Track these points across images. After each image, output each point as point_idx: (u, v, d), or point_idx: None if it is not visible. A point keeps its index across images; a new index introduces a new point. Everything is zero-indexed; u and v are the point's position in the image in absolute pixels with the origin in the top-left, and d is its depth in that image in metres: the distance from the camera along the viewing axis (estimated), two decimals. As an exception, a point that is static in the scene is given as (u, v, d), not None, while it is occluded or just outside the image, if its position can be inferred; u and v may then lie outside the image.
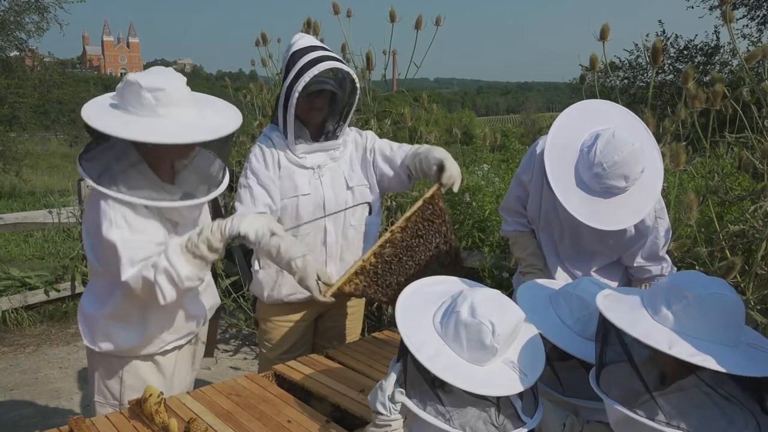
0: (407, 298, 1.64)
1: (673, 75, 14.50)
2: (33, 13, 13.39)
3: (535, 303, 1.80)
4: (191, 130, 1.92)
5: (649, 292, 1.47)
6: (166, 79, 1.92)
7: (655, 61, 2.94)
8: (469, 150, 6.62)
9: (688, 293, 1.35)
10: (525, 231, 2.44)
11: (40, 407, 3.96)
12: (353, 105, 2.42)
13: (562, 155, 2.01)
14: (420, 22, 4.27)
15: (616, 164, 1.91)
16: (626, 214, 1.98)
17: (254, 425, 1.82)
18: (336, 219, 2.49)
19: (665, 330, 1.35)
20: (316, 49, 2.34)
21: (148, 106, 1.88)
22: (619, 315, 1.40)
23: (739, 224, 2.96)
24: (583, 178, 1.99)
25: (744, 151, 2.91)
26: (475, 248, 4.66)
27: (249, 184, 2.42)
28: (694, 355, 1.28)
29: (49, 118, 15.98)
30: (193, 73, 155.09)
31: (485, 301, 1.51)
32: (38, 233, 7.83)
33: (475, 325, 1.46)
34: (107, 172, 1.90)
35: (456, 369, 1.46)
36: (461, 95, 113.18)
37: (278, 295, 2.53)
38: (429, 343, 1.50)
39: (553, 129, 2.06)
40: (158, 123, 1.88)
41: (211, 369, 4.50)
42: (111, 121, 1.87)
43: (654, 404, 1.34)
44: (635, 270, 2.30)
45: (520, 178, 2.37)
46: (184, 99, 1.95)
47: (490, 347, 1.47)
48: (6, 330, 5.18)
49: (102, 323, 2.02)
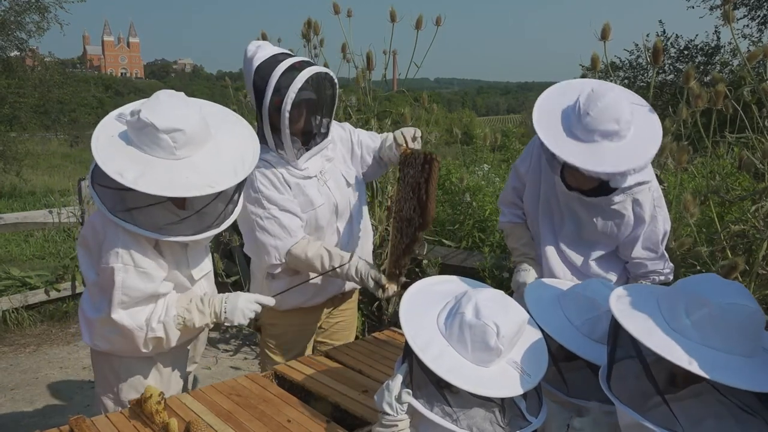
0: (411, 298, 1.64)
1: (673, 75, 14.49)
2: (33, 13, 13.37)
3: (543, 302, 1.79)
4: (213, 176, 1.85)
5: (666, 295, 1.43)
6: (182, 117, 1.83)
7: (655, 61, 2.94)
8: (469, 150, 6.63)
9: (707, 302, 1.31)
10: (520, 222, 2.48)
11: (40, 407, 3.95)
12: (335, 100, 2.35)
13: (550, 120, 2.06)
14: (420, 22, 4.26)
15: (601, 109, 1.94)
16: (622, 159, 1.95)
17: (254, 425, 1.82)
18: (345, 221, 2.48)
19: (683, 341, 1.31)
20: (282, 58, 2.22)
21: (166, 148, 1.82)
22: (635, 322, 1.37)
23: (739, 224, 2.96)
24: (575, 132, 2.00)
25: (744, 151, 2.91)
26: (476, 248, 4.66)
27: (272, 214, 2.29)
28: (713, 370, 1.25)
29: (49, 118, 15.97)
30: (193, 73, 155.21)
31: (489, 302, 1.51)
32: (39, 233, 7.82)
33: (480, 326, 1.47)
34: (121, 203, 1.85)
35: (460, 370, 1.46)
36: (461, 95, 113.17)
37: (294, 301, 2.48)
38: (433, 344, 1.50)
39: (538, 101, 2.12)
40: (177, 170, 1.82)
41: (212, 369, 4.50)
42: (126, 166, 1.79)
43: (668, 411, 1.31)
44: (634, 265, 2.29)
45: (518, 168, 2.42)
46: (202, 137, 1.89)
47: (495, 348, 1.47)
48: (6, 330, 5.17)
49: (99, 325, 2.02)
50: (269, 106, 2.21)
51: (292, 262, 2.32)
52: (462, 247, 4.77)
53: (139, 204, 1.85)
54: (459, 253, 4.66)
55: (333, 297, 2.57)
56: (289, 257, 2.32)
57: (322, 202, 2.38)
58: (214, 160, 1.89)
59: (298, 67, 2.19)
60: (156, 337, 1.95)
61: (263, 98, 2.20)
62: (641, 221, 2.18)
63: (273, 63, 2.20)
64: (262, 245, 2.33)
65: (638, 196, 2.15)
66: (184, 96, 1.95)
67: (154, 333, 1.94)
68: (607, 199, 2.14)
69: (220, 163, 1.90)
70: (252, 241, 2.39)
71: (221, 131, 1.98)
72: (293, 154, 2.31)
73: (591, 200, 2.16)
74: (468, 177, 4.60)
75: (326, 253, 2.29)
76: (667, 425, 1.30)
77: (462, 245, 4.77)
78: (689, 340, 1.31)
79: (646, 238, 2.22)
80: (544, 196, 2.30)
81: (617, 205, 2.16)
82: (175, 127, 1.80)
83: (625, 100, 2.00)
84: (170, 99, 1.89)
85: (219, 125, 2.00)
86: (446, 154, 8.16)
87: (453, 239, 4.84)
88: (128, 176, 1.77)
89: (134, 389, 2.08)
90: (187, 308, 2.00)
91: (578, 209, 2.23)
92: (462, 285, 1.73)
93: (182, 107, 1.88)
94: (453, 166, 5.29)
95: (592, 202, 2.17)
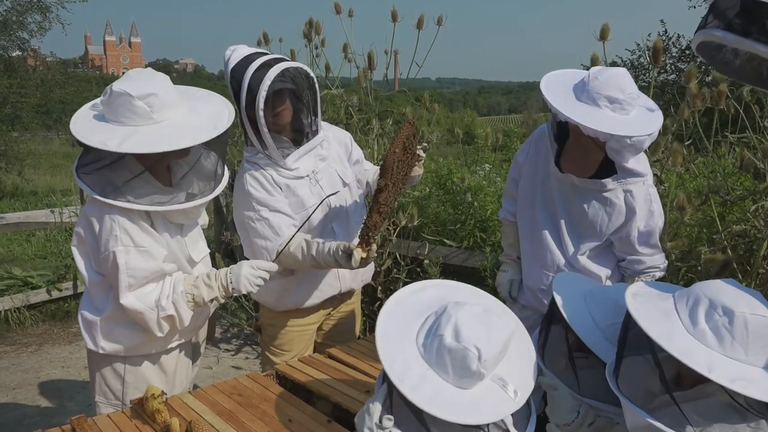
0: (388, 315, 1.53)
1: (674, 75, 14.48)
2: (35, 12, 13.40)
3: (570, 298, 1.75)
4: (196, 130, 1.92)
5: (683, 297, 1.41)
6: (153, 83, 1.90)
7: (655, 60, 2.94)
8: (470, 150, 6.62)
9: (728, 310, 1.30)
10: (511, 221, 2.55)
11: (42, 406, 3.96)
12: (317, 96, 2.34)
13: (557, 87, 2.13)
14: (422, 22, 4.26)
15: (609, 76, 2.04)
16: (622, 126, 2.00)
17: (256, 425, 1.82)
18: (340, 221, 2.48)
19: (703, 349, 1.30)
20: (254, 58, 2.23)
21: (143, 114, 1.87)
22: (654, 324, 1.34)
23: (740, 224, 2.96)
24: (581, 98, 2.07)
25: (745, 151, 2.91)
26: (477, 248, 4.66)
27: (262, 216, 2.31)
28: (733, 381, 1.23)
29: (51, 118, 15.99)
30: (194, 73, 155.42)
31: (470, 321, 1.41)
32: (40, 233, 7.83)
33: (460, 350, 1.38)
34: (110, 184, 1.89)
35: (440, 397, 1.38)
36: (463, 95, 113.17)
37: (291, 302, 2.50)
38: (412, 369, 1.41)
39: (547, 75, 2.18)
40: (158, 130, 1.88)
41: (213, 368, 4.51)
42: (107, 137, 1.84)
43: (677, 411, 1.30)
44: (632, 262, 2.29)
45: (517, 159, 2.51)
46: (175, 99, 1.95)
47: (477, 372, 1.39)
48: (8, 329, 5.18)
49: (103, 325, 2.03)
50: (246, 106, 2.22)
51: (282, 260, 2.32)
52: (463, 246, 4.76)
53: (126, 178, 1.89)
54: (460, 252, 4.66)
55: (331, 298, 2.57)
56: (279, 255, 2.33)
57: (314, 202, 2.38)
58: (192, 117, 1.96)
59: (270, 64, 2.21)
60: (168, 315, 1.95)
61: (240, 98, 2.22)
62: (632, 213, 2.19)
63: (245, 63, 2.23)
64: (255, 247, 2.35)
65: (631, 188, 2.17)
66: (152, 70, 2.02)
67: (165, 312, 1.95)
68: (600, 183, 2.16)
69: (198, 119, 1.96)
70: (247, 244, 2.41)
71: (194, 99, 2.06)
72: (278, 154, 2.31)
73: (584, 184, 2.19)
74: (469, 177, 4.59)
75: (305, 243, 2.29)
76: (677, 426, 1.29)
77: (463, 245, 4.77)
78: (707, 347, 1.30)
79: (644, 234, 2.23)
80: (541, 177, 2.34)
81: (609, 193, 2.18)
82: (148, 92, 1.86)
83: (632, 84, 2.07)
84: (139, 73, 1.97)
85: (192, 95, 2.08)
86: (447, 153, 8.17)
87: (454, 239, 4.84)
88: (112, 143, 1.81)
89: (139, 390, 2.07)
90: (194, 284, 2.03)
91: (570, 196, 2.25)
92: (443, 293, 1.61)
93: (152, 77, 1.95)
94: (454, 165, 5.28)
95: (585, 186, 2.20)
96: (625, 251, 2.28)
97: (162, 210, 1.93)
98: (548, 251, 2.34)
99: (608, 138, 2.00)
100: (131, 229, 1.89)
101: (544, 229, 2.35)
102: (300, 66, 2.27)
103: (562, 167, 2.24)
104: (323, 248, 2.24)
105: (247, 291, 2.07)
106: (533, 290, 2.42)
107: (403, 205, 4.50)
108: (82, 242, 1.99)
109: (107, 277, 1.96)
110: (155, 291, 1.96)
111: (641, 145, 2.02)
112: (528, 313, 2.47)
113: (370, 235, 2.15)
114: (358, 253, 2.15)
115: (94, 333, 2.05)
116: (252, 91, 2.19)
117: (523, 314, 2.52)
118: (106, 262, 1.91)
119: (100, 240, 1.90)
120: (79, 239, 2.00)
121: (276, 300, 2.51)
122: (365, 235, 2.16)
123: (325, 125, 2.51)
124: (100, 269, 1.97)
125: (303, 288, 2.48)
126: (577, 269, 2.29)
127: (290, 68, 2.23)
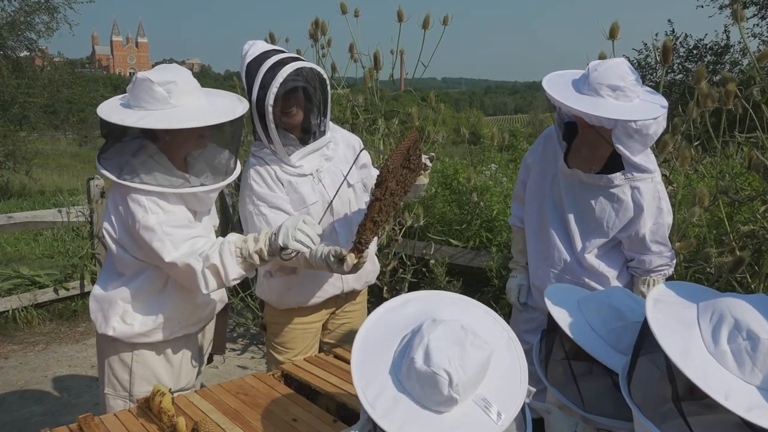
0: (367, 334, 1.46)
1: (682, 74, 14.42)
2: (43, 13, 13.47)
3: (565, 308, 1.70)
4: (208, 114, 2.02)
5: (710, 311, 1.32)
6: (175, 73, 2.03)
7: (665, 60, 2.92)
8: (476, 150, 6.62)
9: (753, 335, 1.22)
10: (520, 228, 2.55)
11: (49, 405, 3.98)
12: (328, 98, 2.36)
13: (559, 83, 2.16)
14: (428, 22, 4.26)
15: (609, 67, 2.06)
16: (624, 111, 2.01)
17: (262, 424, 1.82)
18: (343, 221, 2.48)
19: (720, 370, 1.22)
20: (271, 55, 2.27)
21: (161, 99, 1.98)
22: (671, 338, 1.26)
23: (749, 225, 2.94)
24: (582, 90, 2.09)
25: (754, 151, 2.89)
26: (483, 248, 4.65)
27: (260, 211, 2.34)
28: (750, 409, 1.16)
29: (58, 118, 16.05)
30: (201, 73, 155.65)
31: (442, 342, 1.29)
32: (48, 232, 7.87)
33: (430, 375, 1.26)
34: (127, 166, 2.00)
35: (415, 423, 1.28)
36: (469, 95, 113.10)
37: (293, 300, 2.51)
38: (385, 393, 1.33)
39: (546, 77, 2.20)
40: (174, 112, 1.98)
41: (219, 368, 4.52)
42: (126, 116, 1.97)
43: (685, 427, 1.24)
44: (642, 262, 2.28)
45: (526, 161, 2.53)
46: (194, 89, 2.07)
47: (449, 398, 1.28)
48: (16, 328, 5.21)
49: (119, 304, 2.07)
50: (257, 102, 2.26)
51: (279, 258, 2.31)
52: (469, 246, 4.76)
53: (141, 158, 2.01)
54: (466, 252, 4.66)
55: (334, 298, 2.57)
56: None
57: (315, 200, 2.39)
58: (208, 104, 2.09)
59: (285, 62, 2.24)
60: (212, 264, 1.96)
61: (252, 92, 2.27)
62: (640, 210, 2.18)
63: (262, 59, 2.27)
64: None
65: (639, 184, 2.16)
66: (177, 65, 2.15)
67: (209, 261, 1.96)
68: (608, 178, 2.16)
69: (214, 106, 2.08)
70: None
71: (212, 94, 2.19)
72: (283, 151, 2.34)
73: (591, 180, 2.19)
74: (475, 177, 4.60)
75: None
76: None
77: (469, 245, 4.77)
78: (726, 370, 1.23)
79: (655, 232, 2.22)
80: (551, 177, 2.34)
81: (616, 189, 2.17)
82: (168, 79, 1.98)
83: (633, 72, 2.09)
84: (165, 66, 2.12)
85: (209, 91, 2.21)
86: (454, 153, 8.16)
87: (460, 239, 4.84)
88: (129, 120, 1.95)
89: (146, 381, 2.12)
90: (243, 239, 2.06)
91: (578, 193, 2.25)
92: (426, 308, 1.48)
93: (176, 69, 2.09)
94: (460, 165, 5.27)
95: (592, 182, 2.20)
96: (635, 250, 2.27)
97: (176, 192, 2.00)
98: (555, 248, 2.34)
99: (613, 124, 2.00)
100: (157, 199, 1.99)
101: (551, 227, 2.35)
102: (314, 67, 2.30)
103: (570, 163, 2.24)
104: (315, 252, 2.23)
105: (284, 244, 2.01)
106: (540, 290, 2.41)
107: (409, 205, 4.50)
108: (116, 230, 2.04)
109: (145, 254, 2.00)
110: (197, 244, 2.02)
111: (647, 131, 2.01)
112: (536, 314, 2.47)
113: (362, 242, 2.16)
114: (351, 258, 2.15)
115: (107, 313, 2.08)
116: (264, 87, 2.22)
117: (531, 315, 2.51)
118: (141, 237, 1.97)
119: (129, 219, 1.98)
120: (111, 227, 2.05)
121: (279, 298, 2.52)
122: (358, 242, 2.17)
123: (334, 127, 2.52)
124: (135, 253, 2.03)
125: (305, 287, 2.48)
126: (585, 267, 2.29)
127: (304, 68, 2.26)
